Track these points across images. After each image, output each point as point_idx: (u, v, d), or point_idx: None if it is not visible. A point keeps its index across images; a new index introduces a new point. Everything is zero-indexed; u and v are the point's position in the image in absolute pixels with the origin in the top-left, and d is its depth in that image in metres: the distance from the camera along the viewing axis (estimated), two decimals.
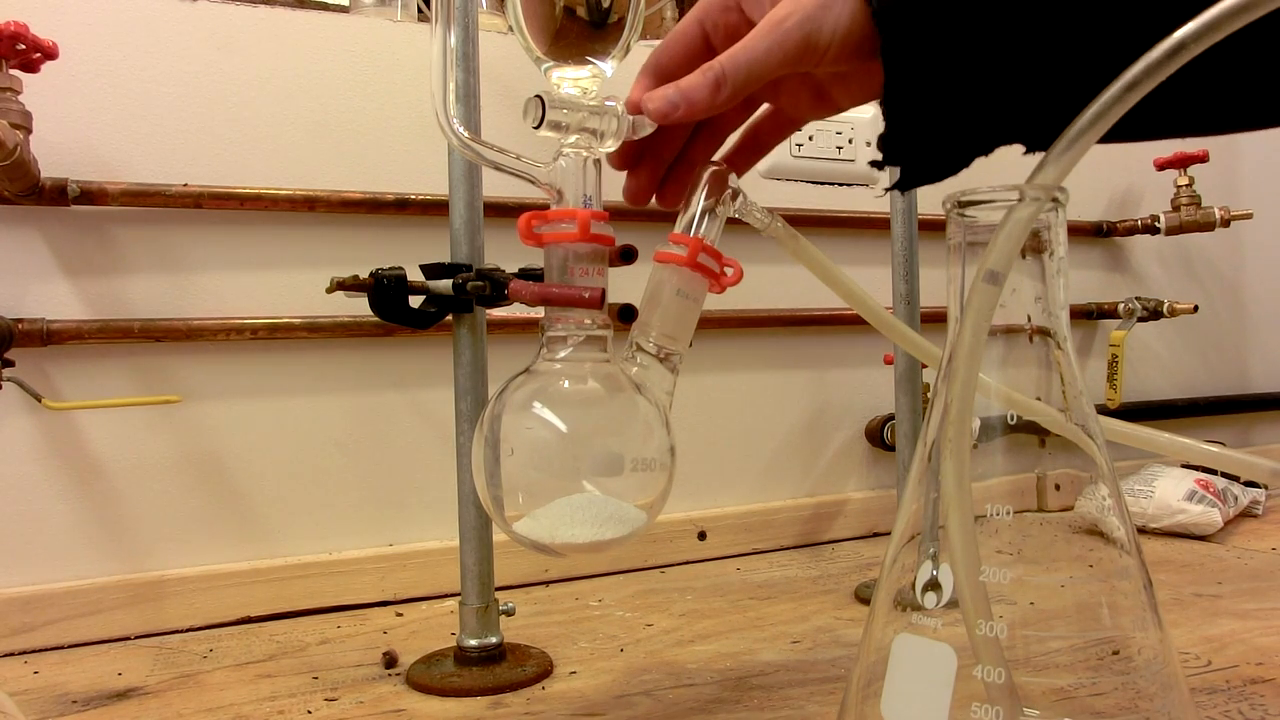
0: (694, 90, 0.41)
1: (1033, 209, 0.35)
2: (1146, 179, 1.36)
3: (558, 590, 0.92)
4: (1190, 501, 1.06)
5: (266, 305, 0.87)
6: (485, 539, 0.69)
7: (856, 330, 1.13)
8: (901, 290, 0.85)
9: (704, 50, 0.45)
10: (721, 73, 0.40)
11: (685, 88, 0.41)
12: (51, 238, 0.81)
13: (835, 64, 0.41)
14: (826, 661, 0.68)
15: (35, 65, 0.74)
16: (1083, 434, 0.37)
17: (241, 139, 0.87)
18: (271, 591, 0.85)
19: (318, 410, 0.89)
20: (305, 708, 0.63)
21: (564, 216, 0.45)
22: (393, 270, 0.68)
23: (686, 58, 0.45)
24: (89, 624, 0.79)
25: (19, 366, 0.77)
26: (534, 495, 0.44)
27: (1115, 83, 0.32)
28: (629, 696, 0.63)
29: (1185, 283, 1.43)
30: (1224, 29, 0.31)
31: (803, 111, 0.48)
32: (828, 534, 1.11)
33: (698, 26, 0.45)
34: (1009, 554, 0.36)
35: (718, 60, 0.41)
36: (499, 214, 0.85)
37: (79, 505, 0.81)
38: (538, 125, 0.43)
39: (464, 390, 0.68)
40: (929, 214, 0.82)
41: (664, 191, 0.49)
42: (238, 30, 0.87)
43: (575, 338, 0.45)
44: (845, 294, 0.51)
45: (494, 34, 0.94)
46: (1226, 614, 0.76)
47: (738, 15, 0.44)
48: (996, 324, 0.36)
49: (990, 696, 0.34)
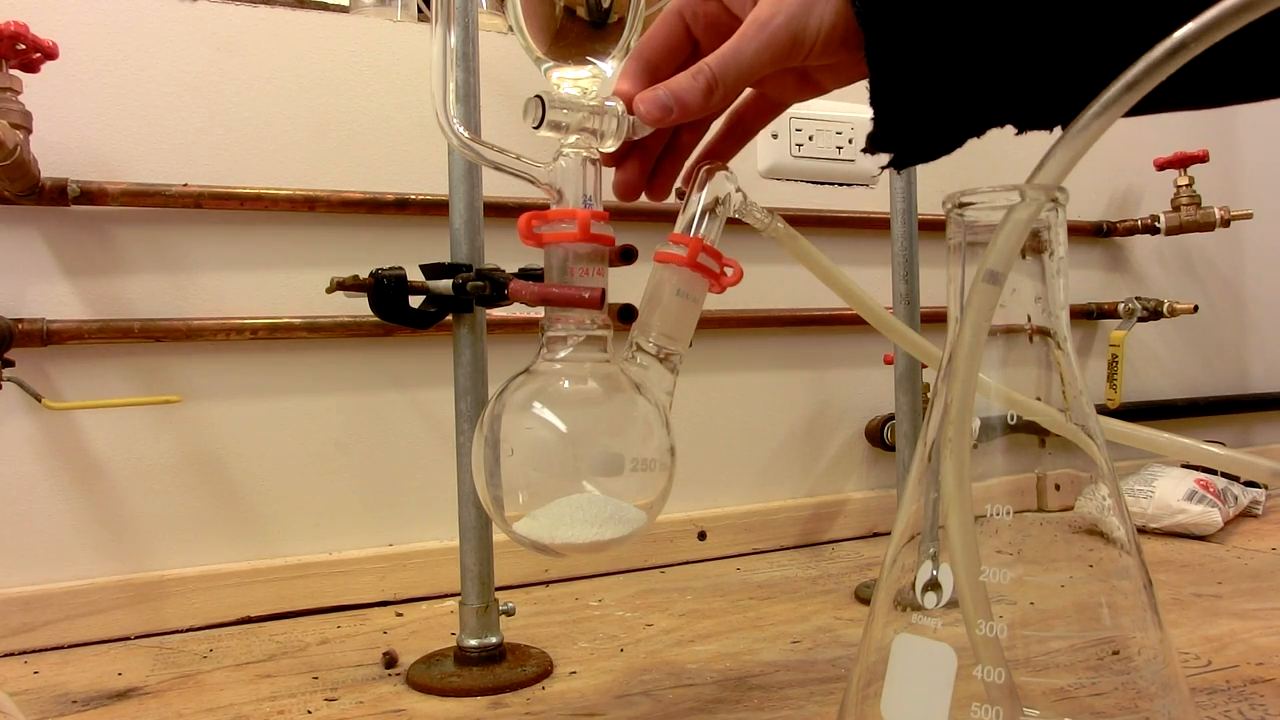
0: (686, 94, 0.42)
1: (1033, 209, 0.35)
2: (1146, 179, 1.36)
3: (558, 590, 0.92)
4: (1190, 501, 1.06)
5: (266, 305, 0.87)
6: (485, 539, 0.69)
7: (856, 330, 1.13)
8: (901, 290, 0.85)
9: (685, 40, 0.46)
10: (712, 76, 0.41)
11: (677, 90, 0.42)
12: (51, 238, 0.81)
13: (821, 58, 0.41)
14: (826, 661, 0.68)
15: (35, 65, 0.74)
16: (1083, 434, 0.37)
17: (241, 139, 0.87)
18: (271, 591, 0.85)
19: (318, 410, 0.89)
20: (305, 708, 0.63)
21: (564, 216, 0.45)
22: (393, 270, 0.68)
23: (668, 48, 0.46)
24: (89, 624, 0.79)
25: (19, 366, 0.77)
26: (534, 495, 0.44)
27: (1115, 83, 0.32)
28: (629, 696, 0.63)
29: (1185, 283, 1.43)
30: (1225, 28, 0.31)
31: (788, 96, 0.48)
32: (828, 534, 1.11)
33: (678, 17, 0.46)
34: (1009, 554, 0.36)
35: (707, 63, 0.42)
36: (499, 214, 0.85)
37: (79, 505, 0.81)
38: (538, 125, 0.43)
39: (464, 390, 0.68)
40: (929, 214, 0.82)
41: (653, 184, 0.49)
42: (238, 30, 0.87)
43: (575, 338, 0.45)
44: (845, 294, 0.51)
45: (494, 34, 0.94)
46: (1226, 614, 0.76)
47: (716, 5, 0.45)
48: (996, 324, 0.36)
49: (990, 696, 0.34)
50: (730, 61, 0.41)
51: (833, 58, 0.42)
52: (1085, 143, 0.34)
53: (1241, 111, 1.48)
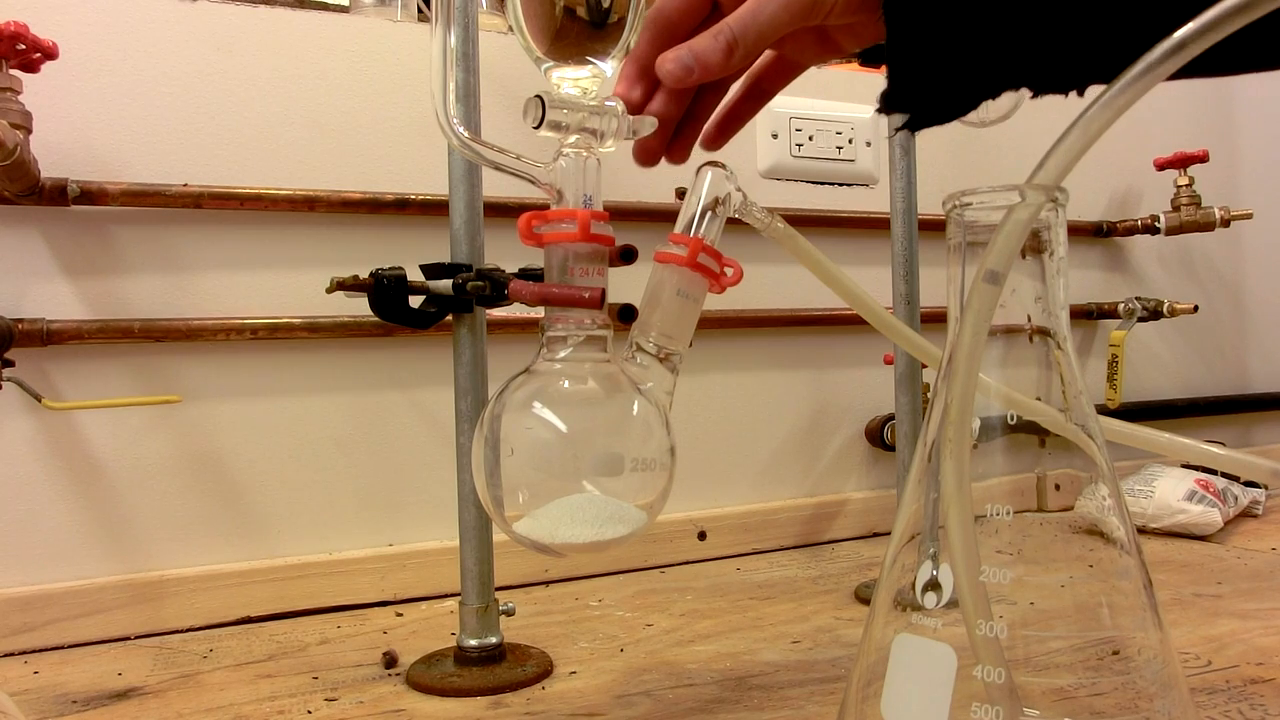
0: (707, 53, 0.42)
1: (1033, 209, 0.35)
2: (1146, 179, 1.36)
3: (558, 590, 0.92)
4: (1190, 501, 1.06)
5: (266, 305, 0.87)
6: (485, 539, 0.69)
7: (856, 330, 1.13)
8: (901, 290, 0.85)
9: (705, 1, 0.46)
10: (733, 37, 0.41)
11: (698, 50, 0.42)
12: (51, 238, 0.81)
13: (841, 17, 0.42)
14: (826, 661, 0.68)
15: (35, 65, 0.74)
16: (1083, 434, 0.37)
17: (241, 139, 0.87)
18: (271, 591, 0.85)
19: (317, 410, 0.89)
20: (305, 708, 0.63)
21: (564, 216, 0.45)
22: (393, 270, 0.68)
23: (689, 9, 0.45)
24: (89, 624, 0.79)
25: (19, 366, 0.77)
26: (534, 495, 0.44)
27: (1115, 83, 0.32)
28: (629, 696, 0.63)
29: (1185, 283, 1.43)
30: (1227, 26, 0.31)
31: (808, 57, 0.48)
32: (828, 534, 1.11)
33: None
34: (1009, 554, 0.36)
35: (727, 23, 0.42)
36: (499, 214, 0.85)
37: (79, 505, 0.81)
38: (538, 125, 0.43)
39: (464, 390, 0.68)
40: (929, 214, 0.82)
41: (673, 148, 0.49)
42: (238, 30, 0.87)
43: (575, 338, 0.45)
44: (845, 294, 0.51)
45: (494, 34, 0.94)
46: (1226, 614, 0.76)
47: None
48: (996, 324, 0.36)
49: (990, 696, 0.34)
50: (750, 21, 0.41)
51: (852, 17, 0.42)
52: (1085, 143, 0.34)
53: (1241, 111, 1.48)
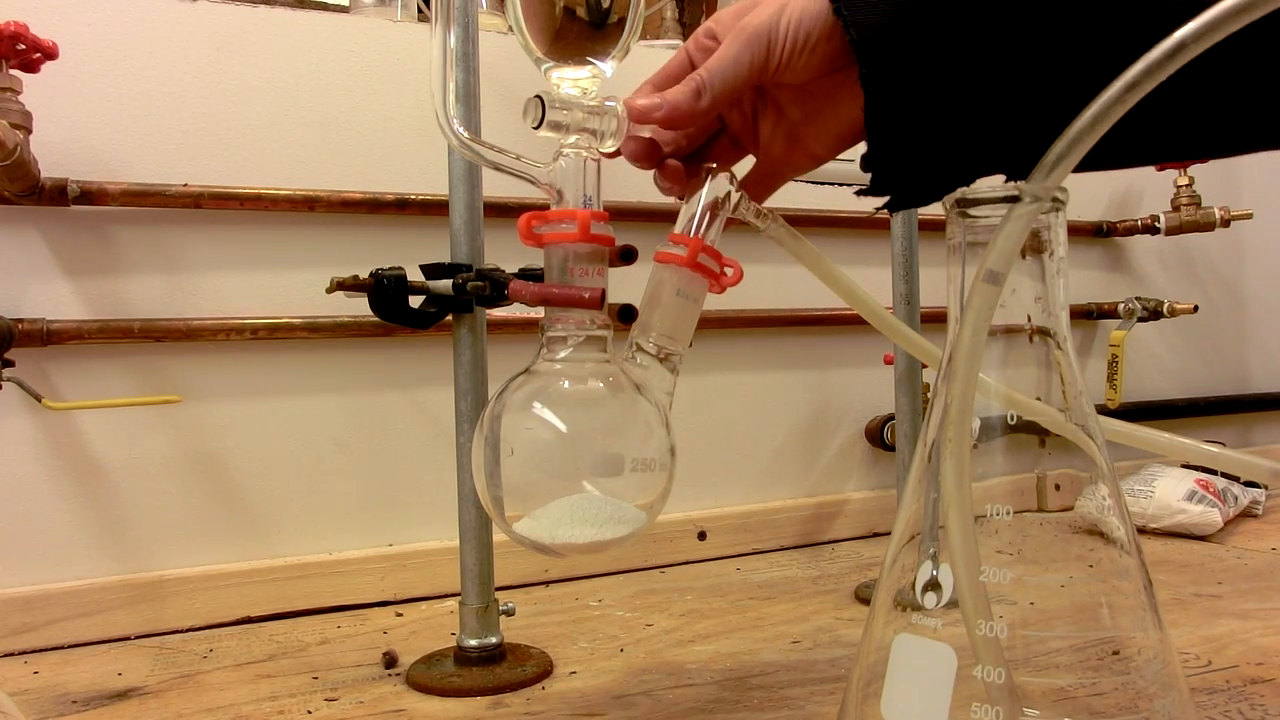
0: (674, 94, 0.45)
1: (1033, 209, 0.35)
2: (1146, 179, 1.36)
3: (558, 590, 0.92)
4: (1190, 501, 1.06)
5: (266, 305, 0.87)
6: (485, 539, 0.69)
7: (856, 330, 1.13)
8: (901, 290, 0.85)
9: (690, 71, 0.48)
10: (701, 80, 0.44)
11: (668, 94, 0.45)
12: (51, 238, 0.81)
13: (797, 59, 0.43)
14: (826, 661, 0.68)
15: (35, 65, 0.74)
16: (1083, 434, 0.37)
17: (241, 139, 0.87)
18: (271, 591, 0.85)
19: (317, 410, 0.89)
20: (305, 708, 0.63)
21: (564, 216, 0.45)
22: (393, 270, 0.68)
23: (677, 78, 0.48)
24: (89, 624, 0.79)
25: (19, 366, 0.77)
26: (534, 495, 0.44)
27: (1115, 83, 0.32)
28: (629, 696, 0.63)
29: (1185, 283, 1.43)
30: (1224, 29, 0.31)
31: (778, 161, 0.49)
32: (828, 534, 1.11)
33: (685, 54, 0.49)
34: (1009, 554, 0.36)
35: (697, 71, 0.45)
36: (499, 214, 0.85)
37: (79, 505, 0.81)
38: (538, 125, 0.43)
39: (464, 390, 0.68)
40: (929, 214, 0.82)
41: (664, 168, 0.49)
42: (238, 30, 0.87)
43: (575, 338, 0.45)
44: (845, 294, 0.51)
45: (494, 34, 0.94)
46: (1226, 614, 0.76)
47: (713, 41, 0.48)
48: (996, 324, 0.36)
49: (990, 696, 0.34)
50: (714, 66, 0.44)
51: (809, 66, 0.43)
52: (1086, 143, 0.34)
53: None
